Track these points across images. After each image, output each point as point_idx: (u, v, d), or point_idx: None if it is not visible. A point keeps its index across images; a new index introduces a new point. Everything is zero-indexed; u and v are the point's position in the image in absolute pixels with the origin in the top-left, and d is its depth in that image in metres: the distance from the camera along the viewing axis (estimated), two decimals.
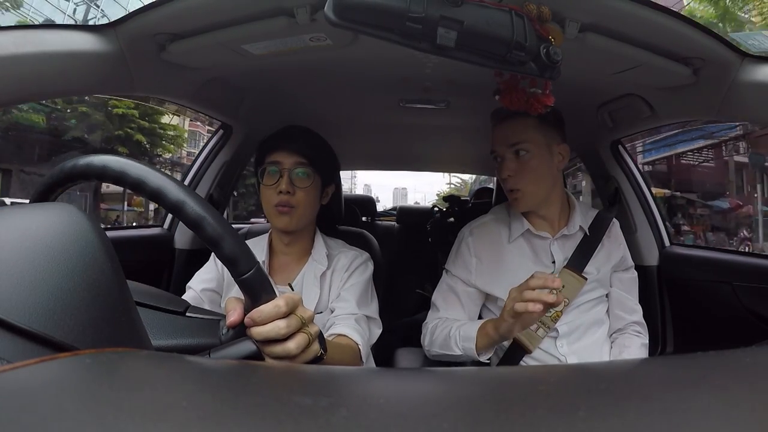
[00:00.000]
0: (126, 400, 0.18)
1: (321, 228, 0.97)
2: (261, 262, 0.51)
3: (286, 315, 0.46)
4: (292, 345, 0.46)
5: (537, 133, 0.90)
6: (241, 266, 0.42)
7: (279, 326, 0.45)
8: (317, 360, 0.53)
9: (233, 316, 0.45)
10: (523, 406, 0.19)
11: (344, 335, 0.77)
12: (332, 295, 0.88)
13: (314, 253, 0.91)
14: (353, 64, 0.95)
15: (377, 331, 0.86)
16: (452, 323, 0.90)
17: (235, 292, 0.86)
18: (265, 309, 0.44)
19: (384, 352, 1.26)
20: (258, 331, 0.44)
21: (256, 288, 0.43)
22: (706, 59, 0.78)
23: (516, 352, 0.94)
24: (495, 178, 1.94)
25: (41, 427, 0.15)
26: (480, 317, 1.00)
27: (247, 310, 0.45)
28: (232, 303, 0.47)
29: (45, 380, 0.19)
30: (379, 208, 3.69)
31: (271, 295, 0.45)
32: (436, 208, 2.05)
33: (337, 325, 0.79)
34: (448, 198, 2.07)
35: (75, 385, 0.20)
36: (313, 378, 0.27)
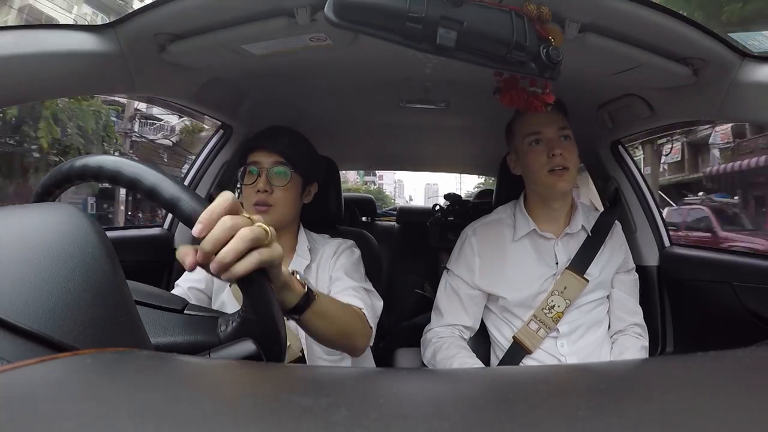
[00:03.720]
0: (126, 400, 0.18)
1: (321, 228, 0.97)
2: None
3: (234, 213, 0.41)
4: (237, 240, 0.40)
5: (570, 126, 0.95)
6: None
7: (225, 222, 0.40)
8: (308, 302, 0.53)
9: (190, 257, 0.41)
10: (523, 406, 0.19)
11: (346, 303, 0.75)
12: (320, 285, 0.87)
13: (298, 249, 0.91)
14: (353, 65, 0.95)
15: (378, 303, 0.85)
16: (454, 351, 0.91)
17: (225, 294, 0.85)
18: (215, 203, 0.40)
19: (384, 353, 1.27)
20: (208, 238, 0.40)
21: (252, 284, 0.42)
22: (706, 59, 0.78)
23: (516, 352, 0.95)
24: (493, 180, 1.93)
25: (41, 427, 0.15)
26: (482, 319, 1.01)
27: (243, 305, 0.45)
28: (184, 248, 0.42)
29: (45, 380, 0.19)
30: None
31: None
32: (438, 206, 2.05)
33: (337, 297, 0.78)
34: (449, 196, 2.06)
35: (75, 385, 0.20)
36: (313, 378, 0.27)
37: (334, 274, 0.86)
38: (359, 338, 0.72)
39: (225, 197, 0.41)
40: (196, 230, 0.39)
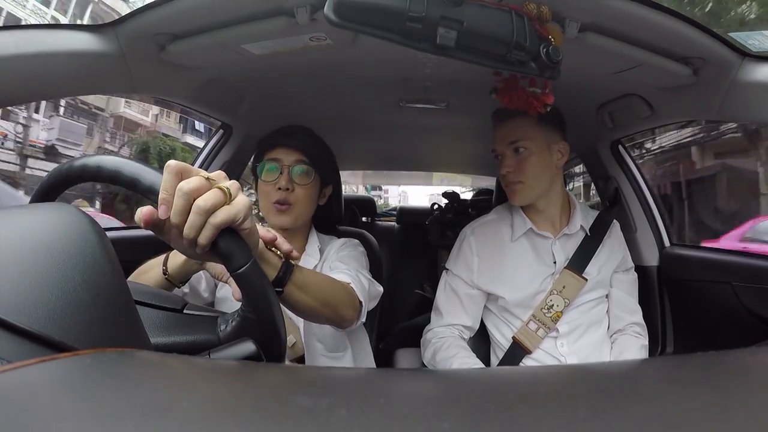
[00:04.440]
0: (126, 400, 0.18)
1: (321, 228, 0.97)
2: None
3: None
4: (193, 216, 0.39)
5: (536, 132, 0.91)
6: (236, 261, 0.41)
7: (181, 189, 0.39)
8: (287, 273, 0.52)
9: (144, 210, 0.41)
10: (523, 406, 0.19)
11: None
12: None
13: (308, 248, 0.91)
14: (353, 64, 0.95)
15: (377, 288, 0.83)
16: (454, 351, 0.91)
17: (225, 292, 0.84)
18: (164, 178, 0.40)
19: (384, 353, 1.27)
20: (173, 211, 0.39)
21: (251, 282, 0.42)
22: (706, 59, 0.78)
23: (516, 352, 0.95)
24: (495, 180, 1.94)
25: (41, 427, 0.15)
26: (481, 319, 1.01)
27: (242, 303, 0.45)
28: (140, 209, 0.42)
29: (45, 380, 0.19)
30: None
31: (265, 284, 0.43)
32: (436, 205, 2.06)
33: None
34: (447, 194, 2.07)
35: (75, 385, 0.20)
36: (313, 378, 0.27)
37: (332, 265, 0.86)
38: (345, 309, 0.68)
39: (169, 168, 0.40)
40: (161, 213, 0.39)
